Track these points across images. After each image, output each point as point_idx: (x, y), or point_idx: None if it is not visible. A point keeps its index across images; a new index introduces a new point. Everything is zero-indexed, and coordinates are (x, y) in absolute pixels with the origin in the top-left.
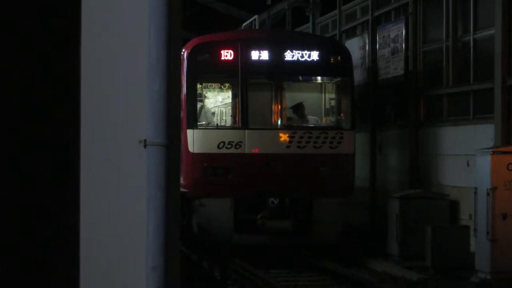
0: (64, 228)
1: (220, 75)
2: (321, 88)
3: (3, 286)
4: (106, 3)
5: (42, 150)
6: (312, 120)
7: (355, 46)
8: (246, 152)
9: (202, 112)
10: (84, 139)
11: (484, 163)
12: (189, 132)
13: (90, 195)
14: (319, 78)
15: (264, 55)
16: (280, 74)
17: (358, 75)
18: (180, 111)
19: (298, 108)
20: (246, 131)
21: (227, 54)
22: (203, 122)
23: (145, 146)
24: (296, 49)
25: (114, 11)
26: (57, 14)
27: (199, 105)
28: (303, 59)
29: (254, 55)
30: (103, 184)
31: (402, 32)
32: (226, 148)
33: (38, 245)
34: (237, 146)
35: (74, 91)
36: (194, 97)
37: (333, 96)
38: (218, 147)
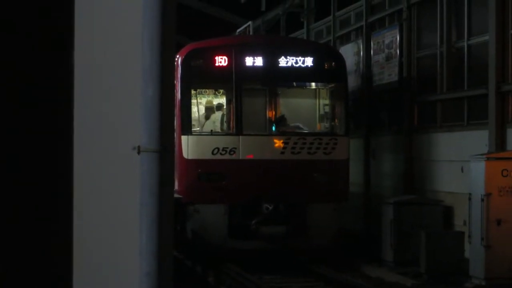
0: (56, 234)
1: (214, 81)
2: (315, 94)
3: None
4: (99, 9)
5: (33, 155)
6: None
7: (350, 52)
8: (240, 158)
9: (196, 118)
10: (77, 145)
11: (478, 169)
12: (184, 138)
13: (83, 201)
14: (313, 84)
15: (258, 61)
16: (274, 80)
17: (353, 81)
18: (174, 117)
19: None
20: (240, 137)
21: (221, 60)
22: (197, 128)
23: (138, 152)
24: (290, 55)
25: (107, 17)
26: (49, 18)
27: (193, 111)
28: (297, 65)
29: (248, 61)
30: (97, 190)
31: (397, 38)
32: (221, 154)
33: (30, 251)
34: (232, 152)
35: (67, 97)
36: (188, 103)
37: (327, 102)
38: (212, 153)
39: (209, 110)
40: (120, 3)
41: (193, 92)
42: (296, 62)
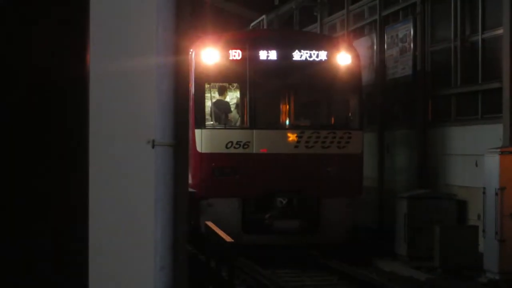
0: (72, 228)
1: (228, 75)
2: (329, 88)
3: (11, 285)
4: (115, 4)
5: (50, 150)
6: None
7: (363, 46)
8: (254, 152)
9: (210, 112)
10: (93, 140)
11: (493, 163)
12: (197, 132)
13: (99, 195)
14: (327, 78)
15: (272, 55)
16: (288, 74)
17: (366, 75)
18: (188, 112)
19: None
20: (254, 131)
21: (235, 54)
22: (211, 122)
23: (153, 146)
24: (304, 49)
25: (123, 12)
26: (66, 14)
27: (206, 105)
28: (311, 59)
29: (262, 55)
30: (112, 184)
31: (410, 32)
32: (234, 148)
33: (46, 244)
34: (245, 146)
35: (82, 91)
36: (202, 97)
37: (341, 96)
38: (226, 147)
39: (223, 104)
40: None
41: (206, 86)
42: (310, 56)
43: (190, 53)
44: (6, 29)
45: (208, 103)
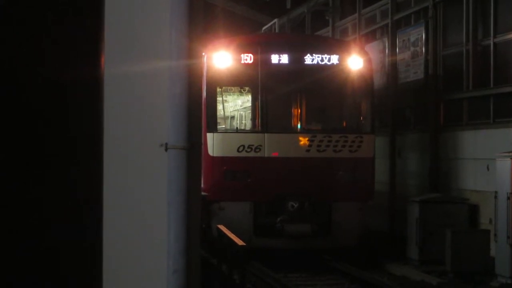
0: (85, 232)
1: (240, 78)
2: (341, 92)
3: None
4: (129, 8)
5: (63, 153)
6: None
7: (375, 50)
8: (265, 155)
9: (222, 116)
10: (106, 143)
11: (504, 167)
12: (209, 135)
13: (112, 198)
14: (339, 82)
15: (284, 58)
16: (300, 78)
17: (378, 79)
18: (200, 115)
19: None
20: (265, 134)
21: (247, 58)
22: (223, 126)
23: (166, 149)
24: (316, 53)
25: (137, 16)
26: (81, 17)
27: (218, 108)
28: (323, 63)
29: (274, 58)
30: (125, 187)
31: (422, 36)
32: (246, 151)
33: (59, 246)
34: (257, 150)
35: (97, 95)
36: (214, 101)
37: (353, 100)
38: (237, 150)
39: (235, 107)
40: (149, 2)
41: (218, 89)
42: (322, 60)
43: (202, 56)
44: (21, 31)
45: (220, 107)
